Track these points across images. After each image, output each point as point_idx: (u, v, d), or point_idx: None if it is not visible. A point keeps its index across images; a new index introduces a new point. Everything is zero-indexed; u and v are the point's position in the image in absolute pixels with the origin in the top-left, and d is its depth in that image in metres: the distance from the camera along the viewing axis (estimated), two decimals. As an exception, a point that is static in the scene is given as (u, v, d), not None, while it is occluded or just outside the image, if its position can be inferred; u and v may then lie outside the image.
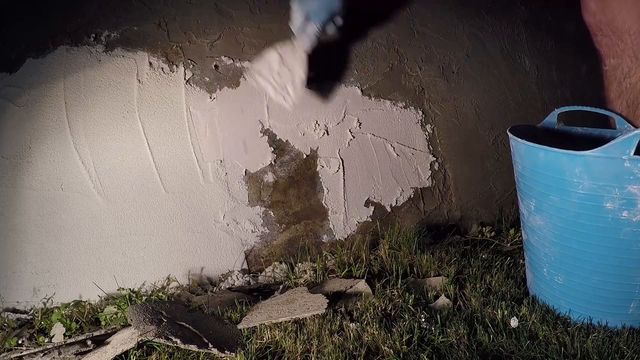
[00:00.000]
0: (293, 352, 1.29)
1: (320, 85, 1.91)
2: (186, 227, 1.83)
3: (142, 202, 1.77)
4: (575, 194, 1.28)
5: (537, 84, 2.32)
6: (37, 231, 1.67)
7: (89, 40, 1.67)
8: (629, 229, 1.24)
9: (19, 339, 1.49)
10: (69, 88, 1.66)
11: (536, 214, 1.42)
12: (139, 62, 1.73)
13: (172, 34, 1.76)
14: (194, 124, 1.80)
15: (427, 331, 1.35)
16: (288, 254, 1.96)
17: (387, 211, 2.10)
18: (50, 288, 1.70)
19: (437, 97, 2.14)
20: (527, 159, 1.40)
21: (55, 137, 1.66)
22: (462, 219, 2.23)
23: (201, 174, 1.83)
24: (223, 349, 1.28)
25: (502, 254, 1.89)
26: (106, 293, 1.72)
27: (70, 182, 1.69)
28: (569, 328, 1.34)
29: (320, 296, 1.51)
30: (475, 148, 2.23)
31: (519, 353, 1.25)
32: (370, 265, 1.81)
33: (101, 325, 1.55)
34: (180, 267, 1.83)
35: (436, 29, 2.11)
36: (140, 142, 1.75)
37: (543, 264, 1.46)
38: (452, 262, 1.77)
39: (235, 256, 1.91)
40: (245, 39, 1.84)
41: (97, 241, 1.73)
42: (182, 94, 1.78)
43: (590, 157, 1.22)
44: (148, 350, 1.33)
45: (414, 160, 2.12)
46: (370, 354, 1.28)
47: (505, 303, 1.46)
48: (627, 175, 1.18)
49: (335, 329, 1.36)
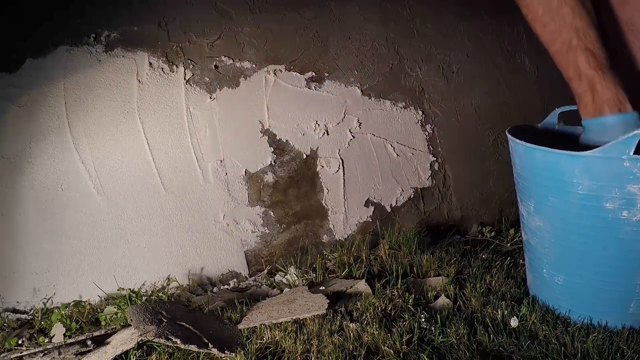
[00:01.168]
0: (293, 352, 1.29)
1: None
2: (186, 227, 1.83)
3: (142, 202, 1.77)
4: (574, 194, 1.27)
5: (537, 84, 2.32)
6: (37, 231, 1.67)
7: (89, 40, 1.67)
8: (629, 229, 1.24)
9: (19, 339, 1.49)
10: (69, 88, 1.66)
11: (536, 215, 1.42)
12: (139, 62, 1.73)
13: (172, 34, 1.76)
14: (194, 124, 1.81)
15: (427, 331, 1.35)
16: (288, 254, 1.96)
17: (387, 211, 2.10)
18: (50, 288, 1.70)
19: (437, 97, 2.14)
20: (526, 160, 1.40)
21: (55, 137, 1.66)
22: (462, 219, 2.23)
23: (201, 174, 1.83)
24: (223, 349, 1.28)
25: (502, 254, 1.89)
26: (106, 293, 1.72)
27: (70, 182, 1.69)
28: (569, 328, 1.34)
29: (320, 296, 1.51)
30: (475, 148, 2.23)
31: (519, 353, 1.25)
32: (370, 265, 1.81)
33: (101, 325, 1.55)
34: (180, 267, 1.83)
35: (436, 29, 2.11)
36: (140, 142, 1.75)
37: (543, 264, 1.46)
38: (452, 262, 1.77)
39: (235, 256, 1.91)
40: (245, 39, 1.84)
41: (97, 241, 1.73)
42: (182, 94, 1.78)
43: (590, 158, 1.21)
44: (148, 350, 1.33)
45: (414, 160, 2.12)
46: (370, 354, 1.28)
47: (505, 303, 1.46)
48: (627, 175, 1.18)
49: (335, 329, 1.36)
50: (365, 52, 2.00)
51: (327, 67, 1.96)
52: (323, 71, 1.95)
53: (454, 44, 2.15)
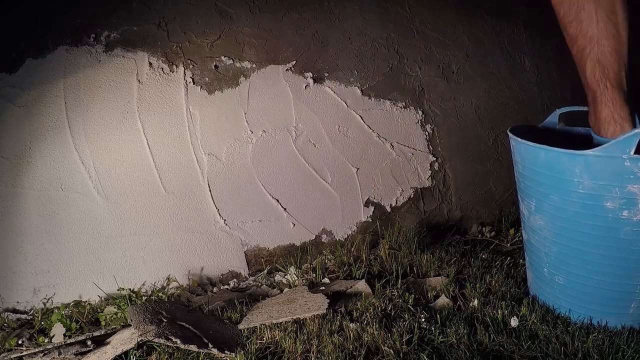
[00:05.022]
0: (293, 352, 1.29)
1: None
2: (186, 227, 1.83)
3: (142, 202, 1.77)
4: (575, 193, 1.27)
5: (537, 84, 2.32)
6: (37, 231, 1.67)
7: (89, 41, 1.67)
8: (629, 229, 1.23)
9: (19, 339, 1.49)
10: (68, 88, 1.66)
11: (536, 214, 1.42)
12: (139, 63, 1.73)
13: (172, 34, 1.76)
14: (194, 124, 1.80)
15: (427, 331, 1.35)
16: (288, 254, 1.96)
17: (387, 211, 2.10)
18: (50, 288, 1.70)
19: (437, 97, 2.14)
20: (527, 159, 1.40)
21: (55, 137, 1.66)
22: (462, 219, 2.23)
23: (201, 174, 1.83)
24: (223, 349, 1.28)
25: (502, 254, 1.89)
26: (106, 293, 1.72)
27: (70, 182, 1.69)
28: (569, 328, 1.34)
29: (320, 296, 1.51)
30: (475, 148, 2.23)
31: (519, 352, 1.25)
32: (370, 265, 1.80)
33: (101, 325, 1.55)
34: (180, 267, 1.83)
35: (436, 29, 2.11)
36: (140, 142, 1.75)
37: (543, 263, 1.46)
38: (452, 262, 1.77)
39: (235, 256, 1.91)
40: (245, 39, 1.84)
41: (97, 241, 1.73)
42: (182, 94, 1.78)
43: (591, 157, 1.21)
44: (148, 350, 1.32)
45: (414, 160, 2.12)
46: (370, 354, 1.28)
47: (505, 303, 1.46)
48: (628, 175, 1.18)
49: (335, 329, 1.36)
50: (365, 52, 2.00)
51: (327, 67, 1.96)
52: (323, 71, 1.95)
53: (454, 44, 2.15)
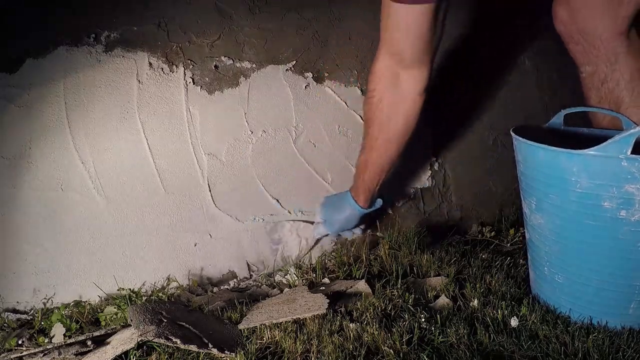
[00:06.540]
0: (293, 352, 1.29)
1: None
2: (186, 227, 1.83)
3: (142, 202, 1.77)
4: (573, 192, 1.28)
5: (537, 84, 2.32)
6: (37, 231, 1.67)
7: (89, 41, 1.67)
8: (627, 229, 1.24)
9: (19, 340, 1.49)
10: (68, 88, 1.66)
11: (537, 212, 1.43)
12: (139, 63, 1.73)
13: (172, 34, 1.76)
14: (194, 124, 1.80)
15: (427, 331, 1.35)
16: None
17: (387, 211, 2.10)
18: (50, 288, 1.70)
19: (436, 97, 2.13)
20: (528, 158, 1.41)
21: (55, 137, 1.66)
22: (462, 219, 2.23)
23: (201, 174, 1.83)
24: (223, 349, 1.28)
25: (502, 254, 1.89)
26: (106, 293, 1.72)
27: (70, 182, 1.69)
28: (569, 327, 1.34)
29: (320, 296, 1.51)
30: (475, 148, 2.23)
31: (519, 352, 1.25)
32: (370, 265, 1.81)
33: (101, 325, 1.55)
34: (180, 267, 1.83)
35: (436, 29, 2.11)
36: (140, 143, 1.75)
37: (544, 262, 1.46)
38: (452, 262, 1.77)
39: (235, 256, 1.91)
40: (245, 39, 1.84)
41: (97, 241, 1.73)
42: (182, 94, 1.78)
43: (588, 156, 1.22)
44: (148, 350, 1.32)
45: (414, 160, 2.12)
46: (370, 354, 1.28)
47: (505, 303, 1.46)
48: (625, 175, 1.18)
49: (335, 329, 1.36)
50: (366, 52, 2.00)
51: (327, 67, 1.96)
52: (323, 71, 1.95)
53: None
